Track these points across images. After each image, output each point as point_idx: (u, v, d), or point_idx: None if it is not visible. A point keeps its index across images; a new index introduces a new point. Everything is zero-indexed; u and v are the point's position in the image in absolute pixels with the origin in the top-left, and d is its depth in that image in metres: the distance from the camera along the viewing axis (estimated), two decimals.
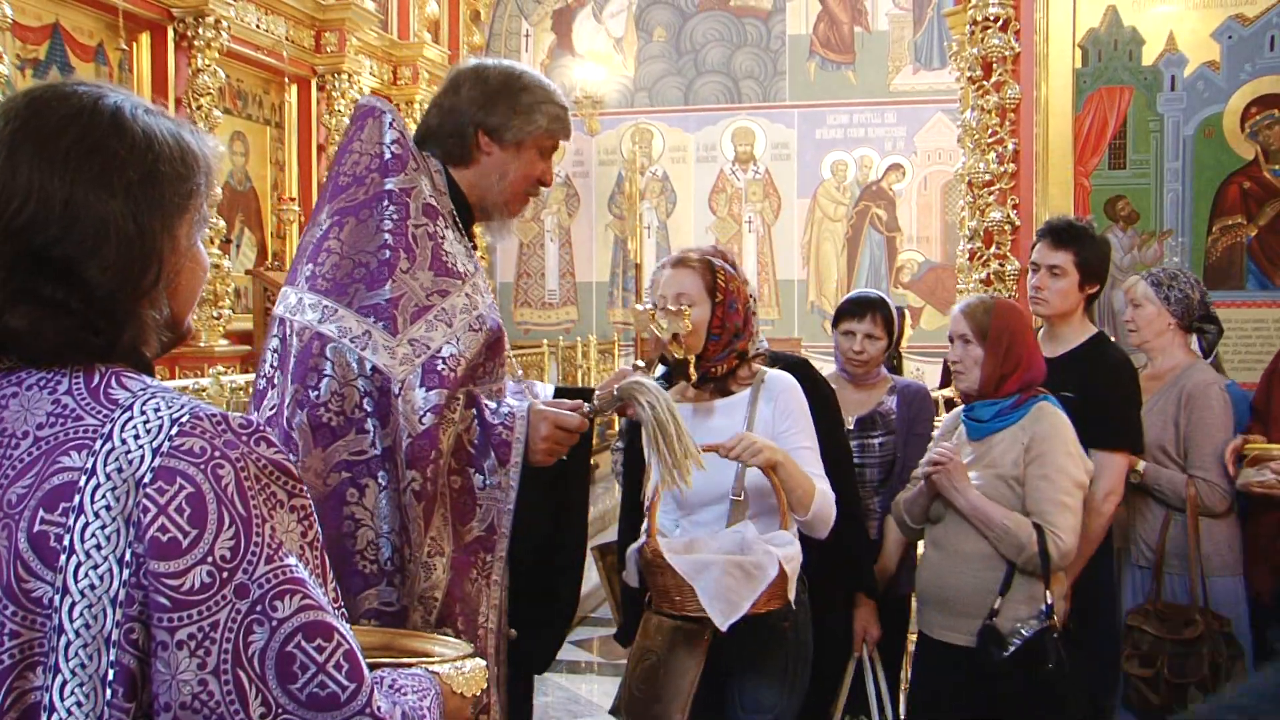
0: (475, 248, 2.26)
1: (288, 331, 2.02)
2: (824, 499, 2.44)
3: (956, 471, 2.71)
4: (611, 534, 2.98)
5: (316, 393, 1.93)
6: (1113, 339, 3.48)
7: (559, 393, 2.43)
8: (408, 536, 1.95)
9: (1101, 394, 3.03)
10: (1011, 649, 2.59)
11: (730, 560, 2.27)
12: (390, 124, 2.14)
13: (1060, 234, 3.20)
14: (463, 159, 2.21)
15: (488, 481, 2.05)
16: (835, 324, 3.36)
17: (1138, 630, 3.13)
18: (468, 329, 2.05)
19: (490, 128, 2.18)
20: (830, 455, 2.62)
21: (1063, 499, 2.66)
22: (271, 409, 1.99)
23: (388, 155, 2.11)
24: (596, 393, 2.32)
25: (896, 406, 3.19)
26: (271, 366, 2.05)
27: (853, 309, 3.28)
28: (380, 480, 1.93)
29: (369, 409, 1.94)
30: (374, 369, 1.94)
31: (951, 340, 2.88)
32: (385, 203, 2.06)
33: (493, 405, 2.09)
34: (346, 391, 1.94)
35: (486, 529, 2.05)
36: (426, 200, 2.11)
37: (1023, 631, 2.60)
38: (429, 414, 1.94)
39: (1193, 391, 3.23)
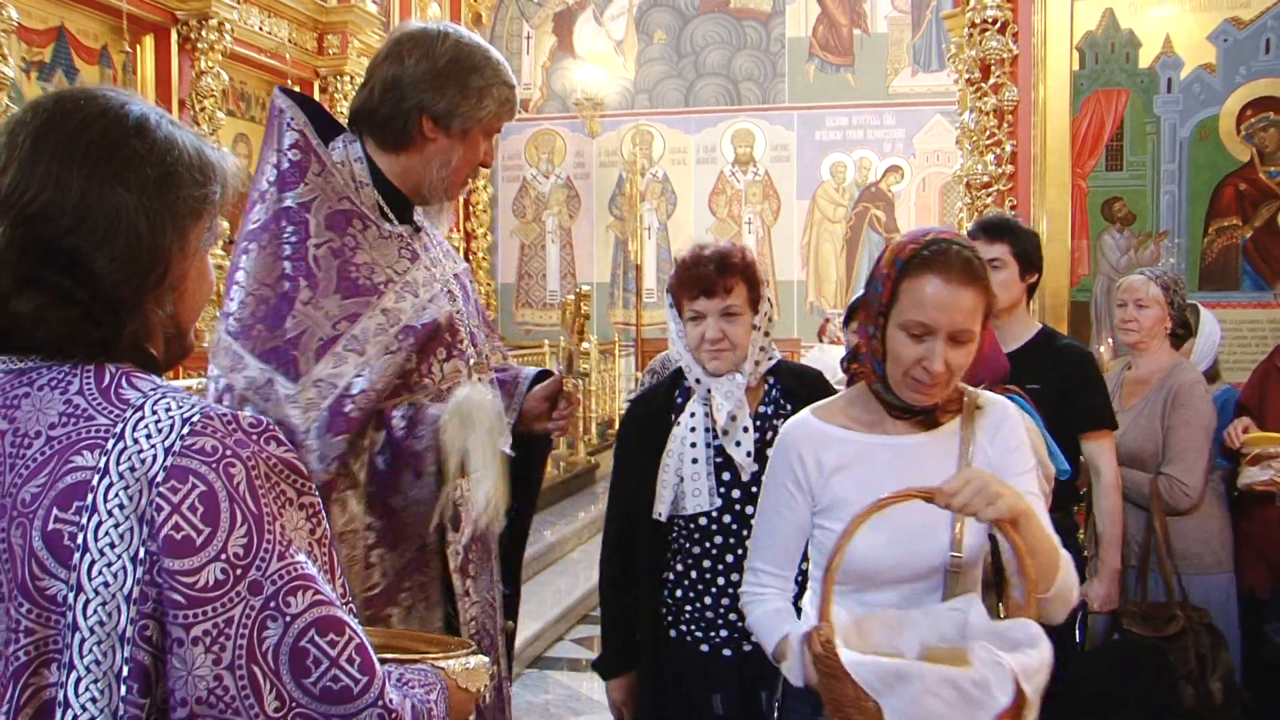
0: (419, 230, 2.08)
1: (208, 378, 1.90)
2: (1069, 569, 1.72)
3: None
4: None
5: None
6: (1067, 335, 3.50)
7: (541, 376, 2.27)
8: None
9: (1074, 383, 3.06)
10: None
11: (940, 674, 1.49)
12: (289, 124, 1.95)
13: (993, 228, 3.25)
14: (399, 144, 2.00)
15: (407, 499, 1.89)
16: (846, 322, 3.36)
17: (1128, 632, 3.15)
18: (383, 353, 1.88)
19: (437, 114, 1.97)
20: None
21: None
22: None
23: (285, 165, 1.92)
24: (526, 400, 2.18)
25: None
26: None
27: None
28: None
29: None
30: (278, 423, 1.76)
31: None
32: (283, 223, 1.88)
33: (398, 415, 1.89)
34: None
35: (417, 550, 1.93)
36: (334, 209, 1.92)
37: None
38: (335, 461, 1.81)
39: (1178, 391, 3.27)
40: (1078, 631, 3.12)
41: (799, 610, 1.97)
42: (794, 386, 2.41)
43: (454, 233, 10.07)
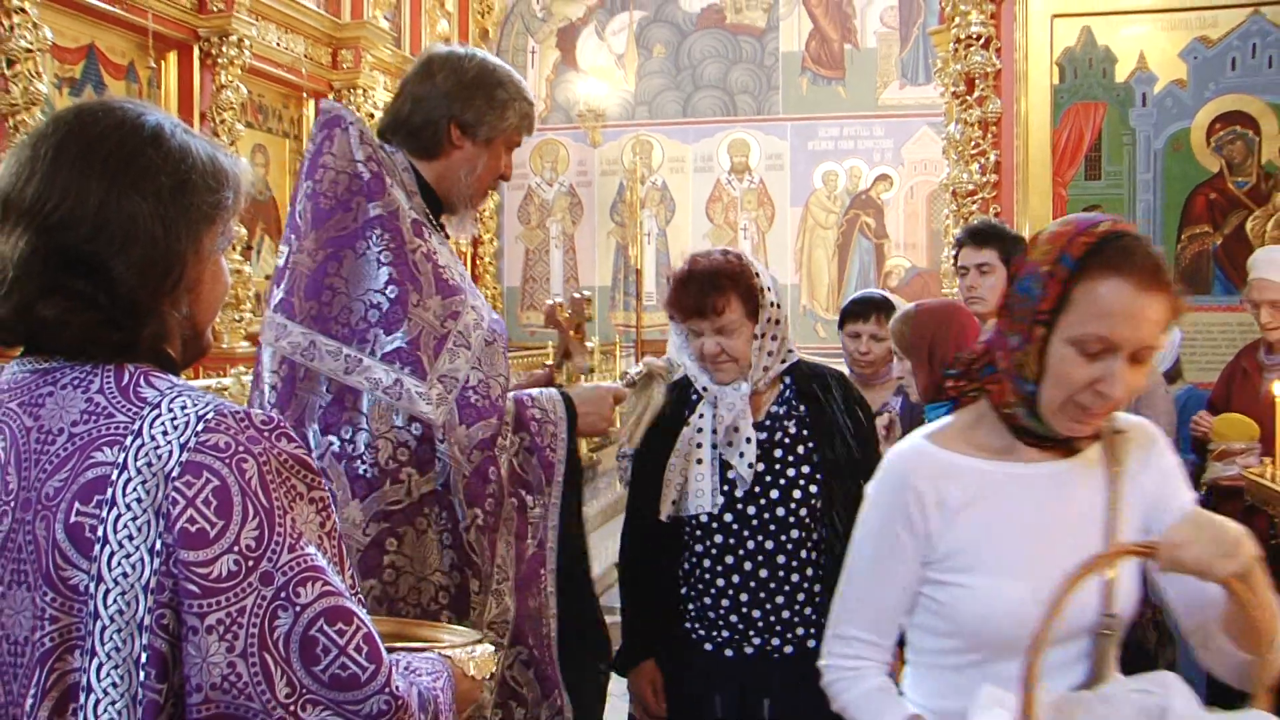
0: (447, 238, 2.13)
1: (297, 374, 1.87)
2: None
3: None
4: (613, 529, 2.87)
5: (353, 445, 1.83)
6: None
7: None
8: (475, 570, 1.88)
9: None
10: None
11: None
12: (361, 138, 1.97)
13: (980, 234, 3.24)
14: (431, 151, 2.06)
15: (536, 501, 1.99)
16: (841, 325, 3.33)
17: None
18: (484, 344, 1.95)
19: (464, 122, 2.04)
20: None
21: None
22: None
23: (366, 175, 1.93)
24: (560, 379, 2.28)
25: (900, 408, 3.06)
26: (270, 404, 1.89)
27: (857, 310, 3.23)
28: (419, 525, 1.86)
29: (403, 459, 1.84)
30: (412, 419, 1.84)
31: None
32: (379, 231, 1.90)
33: (538, 418, 2.01)
34: (381, 444, 1.83)
35: (539, 545, 1.99)
36: (413, 217, 1.96)
37: None
38: (476, 450, 1.87)
39: (1141, 394, 3.27)
40: None
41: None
42: (807, 386, 2.31)
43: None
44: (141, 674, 1.02)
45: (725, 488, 2.25)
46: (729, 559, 2.25)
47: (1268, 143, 4.27)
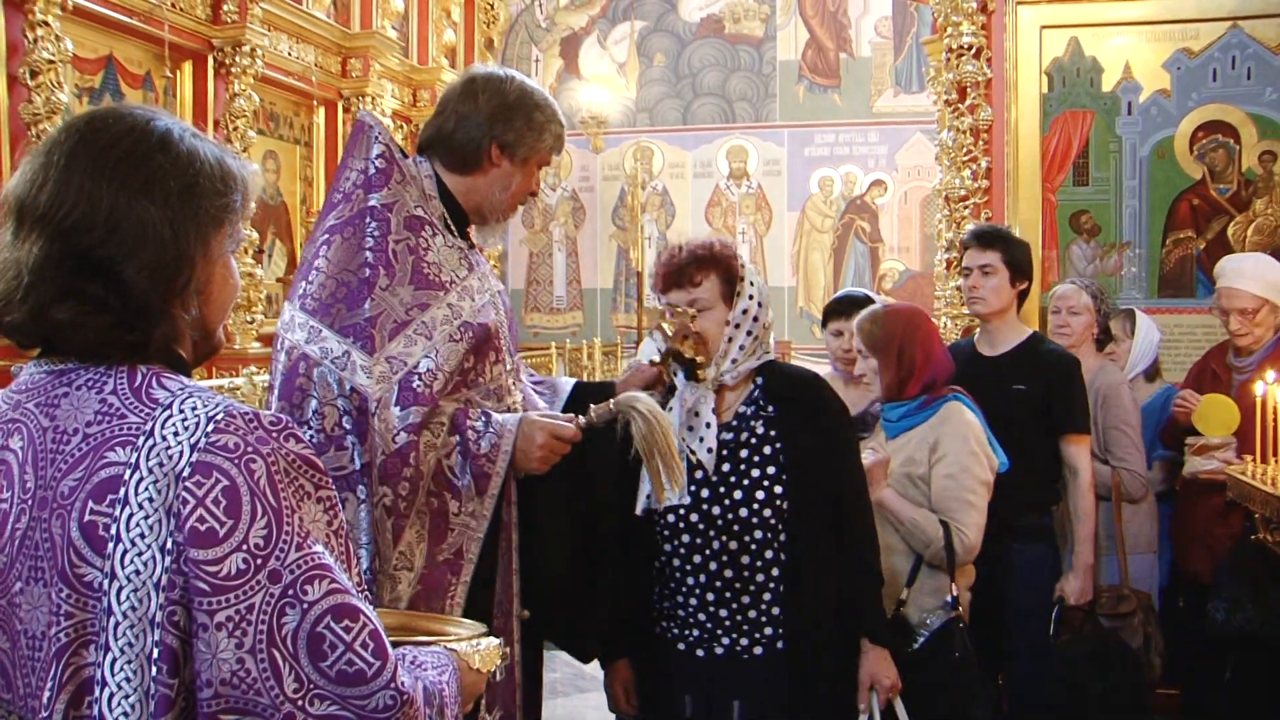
0: (473, 247, 2.16)
1: (278, 348, 1.97)
2: None
3: (876, 468, 2.51)
4: None
5: (301, 411, 1.89)
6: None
7: (579, 388, 2.33)
8: (376, 548, 1.88)
9: (1058, 387, 3.07)
10: (920, 641, 2.47)
11: None
12: (376, 138, 2.06)
13: (985, 237, 3.25)
14: (467, 166, 2.12)
15: (462, 509, 1.95)
16: (824, 324, 3.32)
17: (1099, 625, 3.14)
18: (447, 340, 1.97)
19: (504, 142, 2.11)
20: (853, 485, 2.25)
21: (967, 497, 2.52)
22: None
23: (372, 170, 2.03)
24: (617, 386, 2.21)
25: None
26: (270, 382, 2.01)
27: (840, 309, 3.22)
28: (359, 494, 1.87)
29: (348, 427, 1.87)
30: (352, 389, 1.88)
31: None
32: (368, 219, 1.98)
33: (478, 429, 1.96)
34: (327, 410, 1.88)
35: (454, 553, 1.96)
36: (411, 213, 2.02)
37: (929, 623, 2.49)
38: (403, 432, 1.88)
39: (1107, 392, 3.32)
40: (1052, 626, 3.08)
41: None
42: (777, 387, 2.24)
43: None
44: (154, 669, 1.02)
45: (691, 487, 2.19)
46: (696, 558, 2.20)
47: (1247, 151, 4.28)
